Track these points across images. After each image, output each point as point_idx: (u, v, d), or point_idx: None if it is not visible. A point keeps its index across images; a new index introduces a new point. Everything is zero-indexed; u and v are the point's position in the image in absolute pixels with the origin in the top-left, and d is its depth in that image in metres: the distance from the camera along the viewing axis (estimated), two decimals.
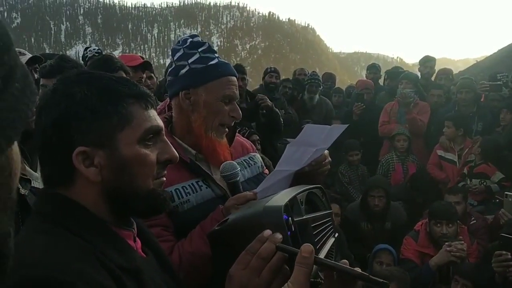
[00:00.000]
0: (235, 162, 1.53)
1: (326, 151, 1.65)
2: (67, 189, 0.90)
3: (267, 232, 0.92)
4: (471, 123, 4.94)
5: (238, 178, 1.51)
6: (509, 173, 4.34)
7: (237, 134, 1.84)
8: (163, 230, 1.47)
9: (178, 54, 1.59)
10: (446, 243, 3.20)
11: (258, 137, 4.35)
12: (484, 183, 4.40)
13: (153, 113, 0.97)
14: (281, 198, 1.02)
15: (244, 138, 1.96)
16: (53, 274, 0.73)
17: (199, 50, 1.57)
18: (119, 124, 0.90)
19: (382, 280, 0.83)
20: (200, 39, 1.62)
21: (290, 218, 0.96)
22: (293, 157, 1.62)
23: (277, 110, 4.72)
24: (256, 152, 1.90)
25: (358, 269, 0.88)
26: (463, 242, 3.19)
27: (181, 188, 1.53)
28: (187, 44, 1.59)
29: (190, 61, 1.56)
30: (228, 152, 1.65)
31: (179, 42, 1.64)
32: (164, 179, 0.99)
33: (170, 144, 1.00)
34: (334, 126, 1.74)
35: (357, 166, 5.31)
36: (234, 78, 1.61)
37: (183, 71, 1.56)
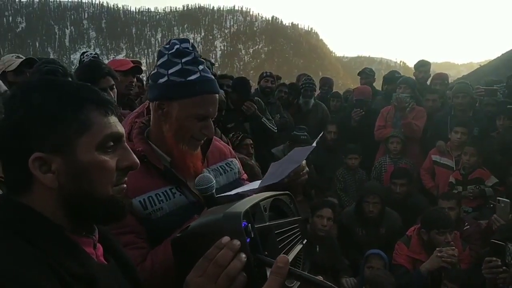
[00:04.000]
0: (210, 175, 1.48)
1: (304, 161, 1.67)
2: (24, 195, 0.90)
3: (225, 238, 0.93)
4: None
5: (213, 191, 1.46)
6: (502, 178, 4.33)
7: (215, 138, 1.80)
8: (136, 237, 1.45)
9: (162, 60, 1.53)
10: (437, 249, 3.18)
11: (251, 142, 4.35)
12: (479, 188, 4.39)
13: (113, 119, 0.96)
14: (243, 204, 1.02)
15: (223, 143, 1.92)
16: None
17: (183, 60, 1.50)
18: (78, 130, 0.90)
19: None
20: (188, 47, 1.53)
21: (250, 224, 0.96)
22: (275, 173, 1.62)
23: (262, 117, 4.74)
24: (234, 157, 1.88)
25: (328, 282, 0.89)
26: (454, 247, 3.18)
27: (154, 196, 1.51)
28: (173, 50, 1.52)
29: (170, 71, 1.50)
30: (200, 163, 1.63)
31: (168, 43, 1.57)
32: (125, 185, 0.98)
33: (131, 150, 0.99)
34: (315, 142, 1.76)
35: (355, 170, 5.28)
36: (213, 96, 1.55)
37: (162, 80, 1.52)
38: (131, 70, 3.63)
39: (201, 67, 1.52)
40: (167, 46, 1.55)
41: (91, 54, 4.72)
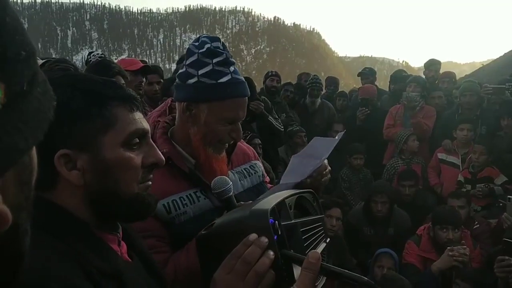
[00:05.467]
0: (226, 177, 1.46)
1: (326, 161, 1.64)
2: (50, 192, 0.89)
3: (253, 236, 0.92)
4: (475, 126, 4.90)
5: (231, 193, 1.44)
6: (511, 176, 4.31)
7: None
8: (158, 241, 1.42)
9: (191, 59, 1.47)
10: (448, 248, 3.16)
11: (259, 141, 4.34)
12: (488, 186, 4.37)
13: (138, 115, 0.95)
14: (269, 202, 1.01)
15: (247, 144, 1.89)
16: (31, 279, 0.71)
17: (214, 61, 1.43)
18: (103, 127, 0.89)
19: None
20: (219, 46, 1.47)
21: (276, 222, 0.95)
22: (297, 169, 1.59)
23: (268, 116, 4.72)
24: (258, 159, 1.83)
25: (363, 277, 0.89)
26: (465, 246, 3.16)
27: (178, 199, 1.47)
28: (204, 49, 1.44)
29: (200, 72, 1.44)
30: (225, 166, 1.60)
31: (197, 40, 1.50)
32: (150, 183, 0.98)
33: (156, 147, 0.98)
34: (339, 135, 1.70)
35: (359, 169, 5.26)
36: (243, 99, 1.50)
37: (191, 81, 1.46)
38: (140, 70, 3.63)
39: (232, 68, 1.47)
40: (197, 43, 1.49)
41: (97, 54, 4.71)
